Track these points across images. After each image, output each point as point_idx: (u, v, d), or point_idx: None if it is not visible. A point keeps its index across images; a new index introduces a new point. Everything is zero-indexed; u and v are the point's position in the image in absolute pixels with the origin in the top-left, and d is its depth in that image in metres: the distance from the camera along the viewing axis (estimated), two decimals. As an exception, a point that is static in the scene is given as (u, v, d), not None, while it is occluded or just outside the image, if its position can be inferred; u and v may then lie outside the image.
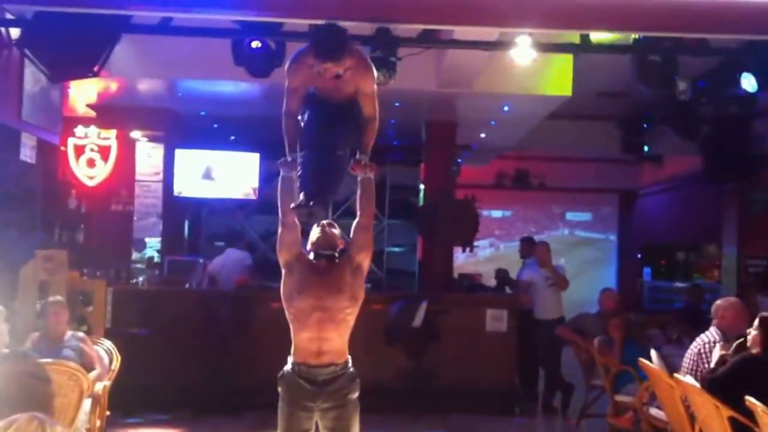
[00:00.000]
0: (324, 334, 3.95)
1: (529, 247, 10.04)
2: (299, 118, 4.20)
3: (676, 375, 5.43)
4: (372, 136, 4.18)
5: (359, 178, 4.13)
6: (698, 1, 6.06)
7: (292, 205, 3.93)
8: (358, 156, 4.14)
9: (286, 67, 4.22)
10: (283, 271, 4.07)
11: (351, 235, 4.13)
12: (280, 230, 4.08)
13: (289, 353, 4.06)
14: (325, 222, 4.14)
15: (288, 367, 4.04)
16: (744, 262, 12.01)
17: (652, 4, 6.06)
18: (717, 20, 6.09)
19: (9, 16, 6.69)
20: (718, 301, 5.93)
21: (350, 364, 4.06)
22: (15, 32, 6.86)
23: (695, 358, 5.64)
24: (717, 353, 5.23)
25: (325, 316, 3.94)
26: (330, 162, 4.07)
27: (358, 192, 4.13)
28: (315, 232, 4.10)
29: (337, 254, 4.08)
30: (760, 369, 4.72)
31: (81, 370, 5.13)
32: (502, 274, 10.48)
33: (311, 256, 4.09)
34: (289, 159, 4.09)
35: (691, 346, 5.77)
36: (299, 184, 4.00)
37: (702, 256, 16.54)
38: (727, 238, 12.51)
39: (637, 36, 6.83)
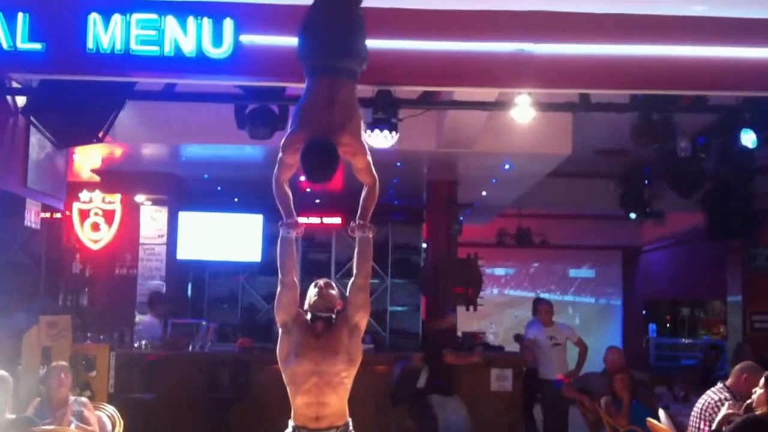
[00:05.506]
0: (321, 399, 3.89)
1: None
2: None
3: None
4: (372, 202, 4.16)
5: (357, 238, 4.11)
6: (696, 59, 6.14)
7: None
8: (357, 220, 4.12)
9: (281, 142, 4.15)
10: (279, 330, 4.03)
11: (348, 295, 4.08)
12: (279, 290, 4.04)
13: (290, 416, 4.00)
14: (322, 283, 4.11)
15: (288, 430, 3.98)
16: (750, 317, 11.91)
17: (650, 63, 6.14)
18: (715, 78, 6.17)
19: (15, 84, 6.78)
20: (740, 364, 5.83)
21: (351, 427, 3.99)
22: (21, 100, 6.96)
23: (706, 416, 5.50)
24: (723, 411, 5.12)
25: (321, 381, 3.88)
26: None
27: (356, 251, 4.10)
28: (312, 293, 4.07)
29: (334, 315, 4.03)
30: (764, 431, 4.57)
31: (83, 436, 5.08)
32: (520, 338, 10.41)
33: (308, 317, 4.04)
34: (288, 221, 4.09)
35: (699, 404, 5.67)
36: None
37: (707, 312, 16.43)
38: (731, 294, 12.43)
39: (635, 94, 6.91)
